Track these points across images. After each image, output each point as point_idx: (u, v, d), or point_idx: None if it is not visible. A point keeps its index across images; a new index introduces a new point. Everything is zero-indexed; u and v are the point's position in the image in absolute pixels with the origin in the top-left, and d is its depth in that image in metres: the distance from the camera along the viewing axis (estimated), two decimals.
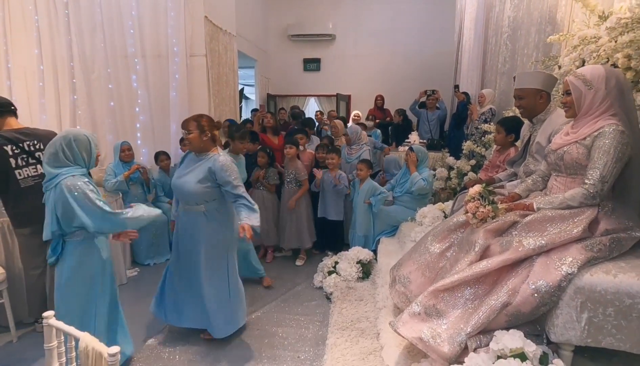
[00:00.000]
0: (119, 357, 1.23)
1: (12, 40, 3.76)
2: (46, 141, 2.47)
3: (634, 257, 1.65)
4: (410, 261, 2.14)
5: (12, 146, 2.40)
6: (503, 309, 1.61)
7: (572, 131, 1.79)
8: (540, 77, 2.18)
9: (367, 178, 3.73)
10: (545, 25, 3.51)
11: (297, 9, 8.53)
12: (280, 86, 8.86)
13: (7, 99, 2.61)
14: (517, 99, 2.25)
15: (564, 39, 2.74)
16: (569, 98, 1.79)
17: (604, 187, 1.64)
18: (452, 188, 4.28)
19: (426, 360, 1.76)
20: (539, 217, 1.73)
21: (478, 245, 1.77)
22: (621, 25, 2.14)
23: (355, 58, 8.51)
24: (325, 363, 2.16)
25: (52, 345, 1.40)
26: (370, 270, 3.24)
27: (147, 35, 4.67)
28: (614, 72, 1.72)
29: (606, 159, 1.62)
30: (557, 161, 1.82)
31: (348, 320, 2.53)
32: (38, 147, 2.49)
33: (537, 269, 1.62)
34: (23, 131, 2.50)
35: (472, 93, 5.36)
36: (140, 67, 4.67)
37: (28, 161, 2.45)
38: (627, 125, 1.65)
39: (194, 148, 2.37)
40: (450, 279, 1.74)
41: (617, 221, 1.66)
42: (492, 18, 4.97)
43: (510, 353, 1.50)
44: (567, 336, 1.57)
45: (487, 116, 4.52)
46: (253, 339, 2.56)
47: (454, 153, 4.82)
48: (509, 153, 2.71)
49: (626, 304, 1.50)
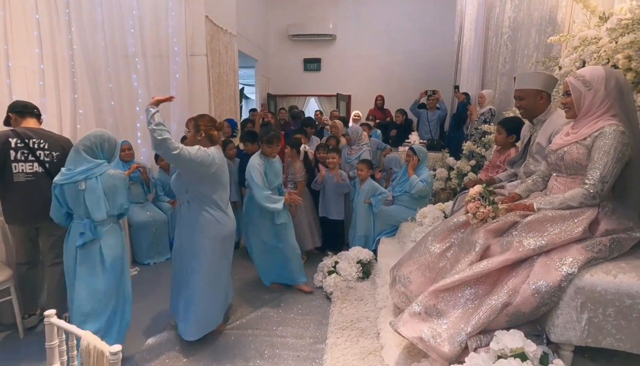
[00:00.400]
0: (120, 356, 1.23)
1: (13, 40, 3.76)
2: (54, 145, 2.51)
3: (634, 257, 1.65)
4: (410, 261, 2.14)
5: (17, 139, 2.43)
6: (503, 309, 1.61)
7: (572, 131, 1.80)
8: (541, 78, 2.18)
9: (367, 178, 3.74)
10: (546, 26, 3.52)
11: (298, 9, 8.53)
12: (281, 86, 8.86)
13: (32, 104, 2.66)
14: (517, 100, 2.25)
15: (564, 39, 2.74)
16: (569, 99, 1.79)
17: (604, 187, 1.64)
18: (452, 188, 4.29)
19: (426, 359, 1.77)
20: (539, 217, 1.74)
21: (478, 245, 1.77)
22: (622, 27, 2.15)
23: (356, 58, 8.52)
24: (325, 362, 2.16)
25: (54, 343, 1.41)
26: (370, 270, 3.24)
27: (147, 35, 4.67)
28: (614, 73, 1.72)
29: (606, 159, 1.62)
30: (557, 161, 1.82)
31: (348, 319, 2.53)
32: (43, 147, 2.49)
33: (538, 269, 1.62)
34: (35, 130, 2.53)
35: (472, 94, 5.36)
36: (140, 66, 4.68)
37: (27, 157, 2.45)
38: (628, 126, 1.66)
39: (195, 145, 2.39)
40: (450, 279, 1.75)
41: (617, 222, 1.67)
42: (492, 19, 4.97)
43: (510, 353, 1.50)
44: (567, 337, 1.58)
45: (486, 116, 4.53)
46: (253, 338, 2.56)
47: (454, 154, 4.82)
48: (510, 154, 2.71)
49: (626, 304, 1.50)
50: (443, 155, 4.96)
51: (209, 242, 2.35)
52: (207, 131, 2.37)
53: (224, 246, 2.47)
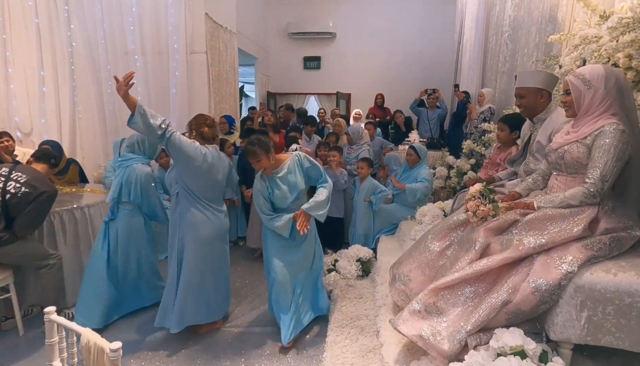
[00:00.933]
0: (120, 353, 1.23)
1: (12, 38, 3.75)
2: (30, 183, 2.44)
3: (634, 256, 1.66)
4: (410, 259, 2.14)
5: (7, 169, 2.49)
6: (503, 307, 1.62)
7: (572, 130, 1.80)
8: (541, 76, 2.18)
9: (367, 177, 3.74)
10: (546, 25, 3.52)
11: (298, 7, 8.51)
12: (280, 84, 8.85)
13: (53, 152, 2.83)
14: (518, 98, 2.25)
15: (564, 38, 2.74)
16: (569, 98, 1.79)
17: (604, 186, 1.64)
18: (452, 186, 4.29)
19: (426, 357, 1.77)
20: (540, 216, 1.74)
21: (478, 243, 1.77)
22: (622, 25, 2.14)
23: (356, 56, 8.51)
24: (324, 360, 2.17)
25: (54, 340, 1.40)
26: (370, 268, 3.24)
27: (147, 32, 4.66)
28: (614, 72, 1.72)
29: (607, 158, 1.62)
30: (557, 160, 1.82)
31: (348, 317, 2.54)
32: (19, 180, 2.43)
33: (538, 267, 1.62)
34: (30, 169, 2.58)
35: (472, 92, 5.36)
36: (140, 64, 4.67)
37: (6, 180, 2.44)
38: (627, 124, 1.66)
39: None
40: (450, 277, 1.75)
41: (617, 220, 1.67)
42: (492, 17, 4.97)
43: (510, 350, 1.50)
44: (567, 335, 1.58)
45: (486, 114, 4.53)
46: (252, 336, 2.56)
47: (453, 152, 4.82)
48: (511, 152, 2.70)
49: (626, 303, 1.50)
50: (443, 154, 4.96)
51: (192, 241, 2.39)
52: (198, 129, 2.44)
53: (212, 247, 2.47)
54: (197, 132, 2.45)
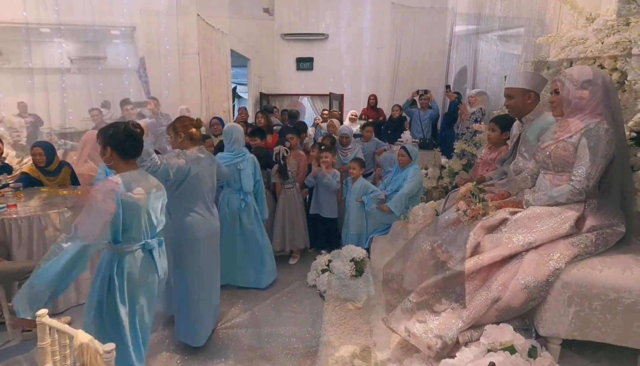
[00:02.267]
0: (114, 354, 1.23)
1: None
2: None
3: (618, 252, 1.70)
4: (402, 258, 2.17)
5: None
6: (493, 304, 1.65)
7: (559, 129, 1.84)
8: (529, 77, 2.22)
9: (359, 177, 3.76)
10: (535, 27, 3.58)
11: (291, 8, 8.51)
12: (273, 85, 8.84)
13: None
14: (507, 98, 2.29)
15: (552, 40, 2.79)
16: (557, 97, 1.83)
17: (589, 183, 1.68)
18: (444, 186, 4.32)
19: (418, 355, 1.79)
20: (528, 214, 1.77)
21: (469, 242, 1.80)
22: (607, 27, 2.20)
23: (348, 58, 8.53)
24: (319, 359, 2.18)
25: (46, 343, 1.40)
26: (364, 268, 3.26)
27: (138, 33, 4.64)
28: (600, 73, 1.76)
29: (592, 156, 1.67)
30: (545, 159, 1.86)
31: (342, 317, 2.55)
32: None
33: (526, 265, 1.66)
34: None
35: (462, 93, 5.42)
36: (131, 65, 4.64)
37: None
38: (613, 124, 1.70)
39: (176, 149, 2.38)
40: (441, 275, 1.78)
41: (602, 218, 1.71)
42: (482, 19, 5.03)
43: (500, 346, 1.53)
44: (555, 330, 1.61)
45: (477, 115, 4.58)
46: (248, 337, 2.57)
47: (445, 152, 4.86)
48: (501, 151, 2.74)
49: (611, 298, 1.54)
50: (435, 154, 5.00)
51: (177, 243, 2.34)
52: (186, 130, 2.35)
53: (193, 250, 2.39)
54: (185, 135, 2.35)
